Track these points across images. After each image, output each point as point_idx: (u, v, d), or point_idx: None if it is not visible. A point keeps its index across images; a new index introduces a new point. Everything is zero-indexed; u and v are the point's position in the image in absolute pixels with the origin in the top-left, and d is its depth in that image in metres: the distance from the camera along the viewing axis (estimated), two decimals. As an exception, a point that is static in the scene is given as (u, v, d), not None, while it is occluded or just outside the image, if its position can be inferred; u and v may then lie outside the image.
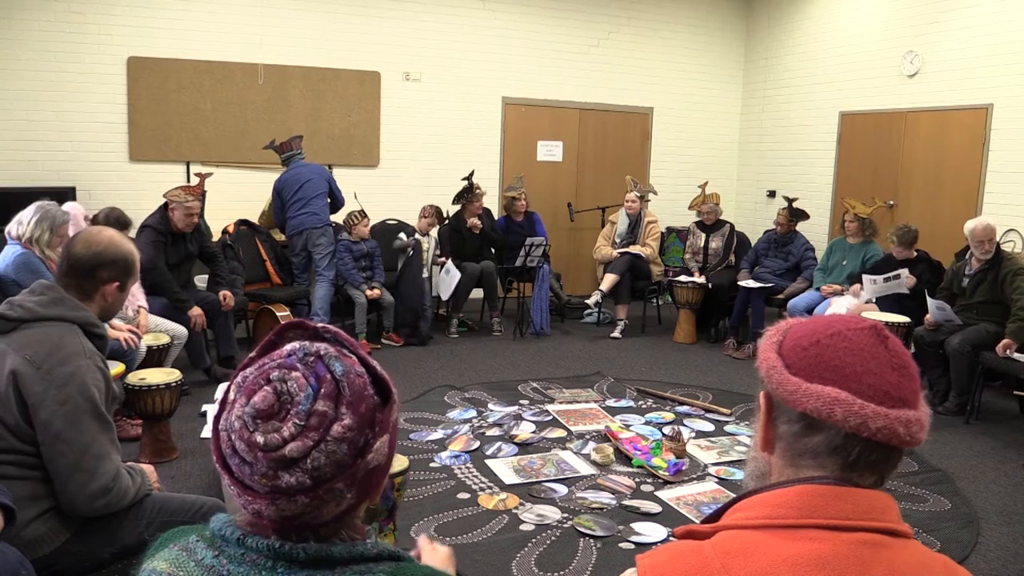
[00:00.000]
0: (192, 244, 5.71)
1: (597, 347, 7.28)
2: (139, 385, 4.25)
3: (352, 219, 6.93)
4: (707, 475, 4.41)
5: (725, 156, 10.11)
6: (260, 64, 7.92)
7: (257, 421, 0.97)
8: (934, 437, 5.13)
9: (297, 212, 6.75)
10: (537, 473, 4.32)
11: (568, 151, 9.43)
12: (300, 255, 6.86)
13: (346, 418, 0.98)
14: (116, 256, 2.43)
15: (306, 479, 0.96)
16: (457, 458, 4.47)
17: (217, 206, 7.51)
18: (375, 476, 1.03)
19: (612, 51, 9.38)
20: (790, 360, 1.06)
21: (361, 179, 8.18)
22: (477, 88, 8.83)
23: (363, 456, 1.00)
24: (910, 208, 7.71)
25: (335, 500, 0.99)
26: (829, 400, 1.00)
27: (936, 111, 7.49)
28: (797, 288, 7.19)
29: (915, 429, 1.00)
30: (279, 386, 0.98)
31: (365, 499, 1.03)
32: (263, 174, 7.71)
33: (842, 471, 1.02)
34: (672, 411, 5.47)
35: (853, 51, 8.35)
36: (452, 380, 6.01)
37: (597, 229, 8.57)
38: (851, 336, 1.04)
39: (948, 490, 4.33)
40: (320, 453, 0.96)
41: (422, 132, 8.63)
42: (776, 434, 1.07)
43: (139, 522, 2.33)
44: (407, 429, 4.91)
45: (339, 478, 0.98)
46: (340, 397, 0.99)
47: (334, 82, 8.21)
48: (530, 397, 5.66)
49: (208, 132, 7.81)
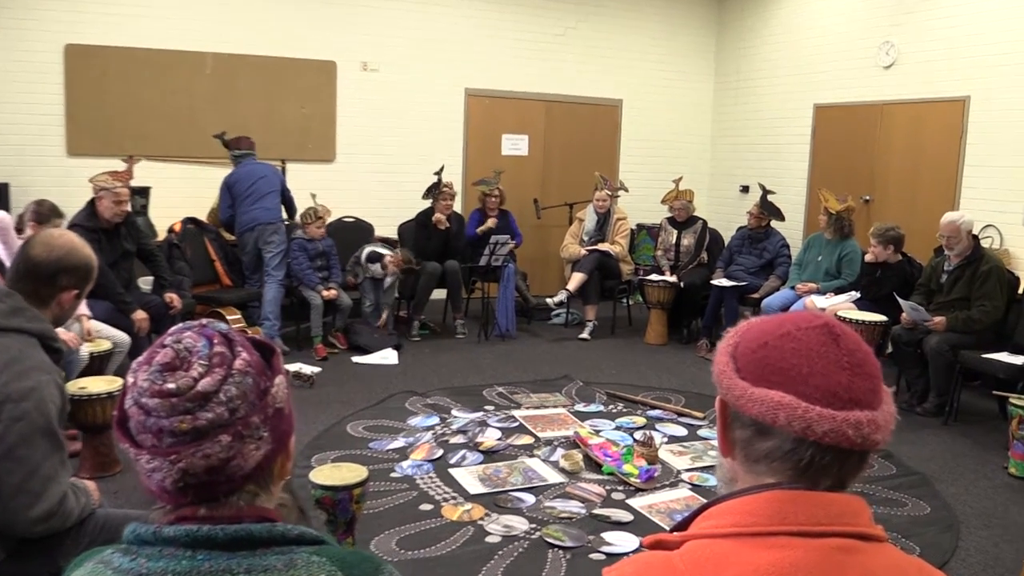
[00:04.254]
0: (128, 241, 5.61)
1: (565, 349, 7.30)
2: (79, 395, 4.18)
3: (308, 217, 6.88)
4: (680, 482, 4.44)
5: (697, 150, 10.18)
6: (208, 52, 7.83)
7: (164, 374, 1.06)
8: (912, 439, 5.22)
9: (250, 207, 6.70)
10: (503, 482, 4.32)
11: (534, 145, 9.45)
12: (250, 253, 6.80)
13: (243, 353, 1.09)
14: (78, 262, 2.39)
15: (223, 411, 1.05)
16: (419, 468, 4.46)
17: (162, 203, 7.41)
18: (283, 420, 1.12)
19: (579, 40, 9.41)
20: (741, 363, 1.07)
21: (317, 174, 8.12)
22: (439, 79, 8.80)
23: (267, 394, 1.10)
24: (886, 203, 7.83)
25: (254, 440, 1.07)
26: (773, 404, 1.01)
27: (912, 103, 7.61)
28: (771, 286, 7.28)
29: (868, 431, 1.00)
30: (176, 345, 1.09)
31: (280, 449, 1.11)
32: (211, 169, 7.61)
33: (795, 476, 1.02)
34: (643, 415, 5.50)
35: (828, 42, 8.46)
36: (413, 385, 5.99)
37: (564, 226, 8.59)
38: (800, 336, 1.05)
39: (927, 494, 4.40)
40: (230, 385, 1.06)
41: (381, 125, 8.59)
42: (733, 439, 1.09)
43: (80, 541, 2.29)
44: (366, 438, 4.89)
45: (252, 412, 1.07)
46: (232, 343, 1.11)
47: (287, 72, 8.14)
48: (495, 402, 5.66)
49: (152, 125, 7.70)
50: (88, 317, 4.96)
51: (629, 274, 8.16)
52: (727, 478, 1.12)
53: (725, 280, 7.37)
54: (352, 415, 5.30)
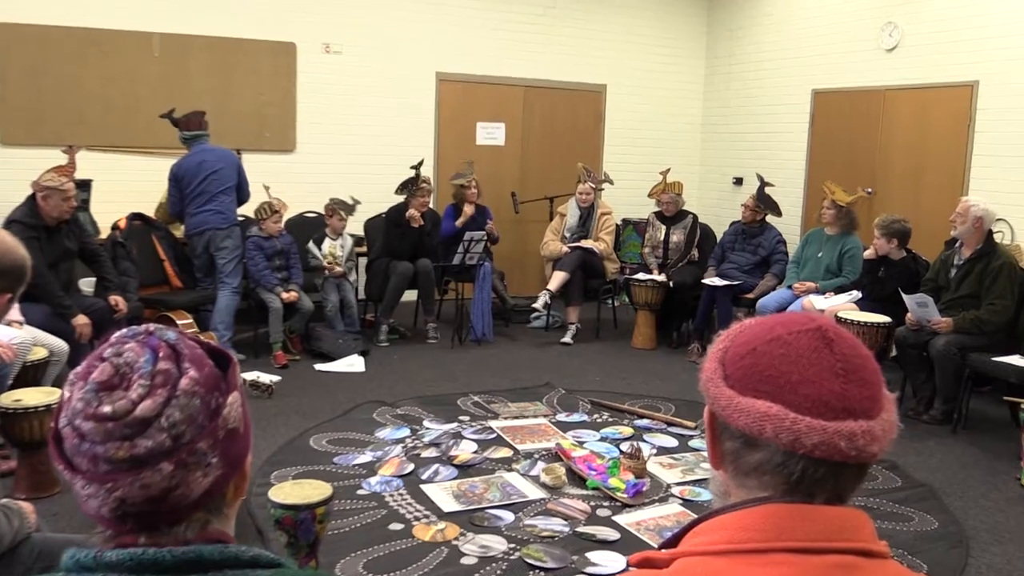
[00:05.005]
0: (70, 239, 5.56)
1: (546, 355, 7.30)
2: (13, 408, 4.11)
3: (263, 212, 6.83)
4: (670, 496, 4.45)
5: (687, 139, 10.23)
6: (155, 33, 7.76)
7: (100, 394, 1.02)
8: (918, 449, 5.27)
9: (199, 208, 6.60)
10: (480, 498, 4.31)
11: (511, 134, 9.45)
12: (202, 256, 6.73)
13: (191, 371, 1.06)
14: (13, 264, 2.37)
15: (165, 439, 1.01)
16: (388, 484, 4.44)
17: (105, 198, 7.33)
18: (236, 442, 1.09)
19: (560, 21, 9.42)
20: (729, 370, 1.08)
21: (275, 166, 8.08)
22: (407, 62, 8.79)
23: (218, 414, 1.06)
24: (889, 196, 7.90)
25: (200, 466, 1.04)
26: (759, 415, 1.01)
27: (917, 89, 7.68)
28: (767, 286, 7.32)
29: (863, 442, 1.00)
30: (115, 360, 1.05)
31: (232, 472, 1.09)
32: (160, 160, 7.54)
33: (788, 491, 1.03)
34: (630, 425, 5.51)
35: (827, 23, 8.52)
36: (382, 395, 5.97)
37: (544, 222, 8.60)
38: (790, 341, 1.06)
39: (935, 507, 4.43)
40: (174, 408, 1.02)
41: (344, 113, 8.56)
42: (723, 451, 1.09)
43: (14, 569, 2.26)
44: (330, 452, 4.87)
45: (199, 438, 1.04)
46: (180, 356, 1.07)
47: (242, 54, 8.10)
48: (471, 413, 5.65)
49: (93, 112, 7.64)
50: (20, 323, 4.88)
51: (614, 273, 8.18)
52: (720, 492, 1.12)
53: (717, 279, 7.40)
54: (315, 427, 5.27)
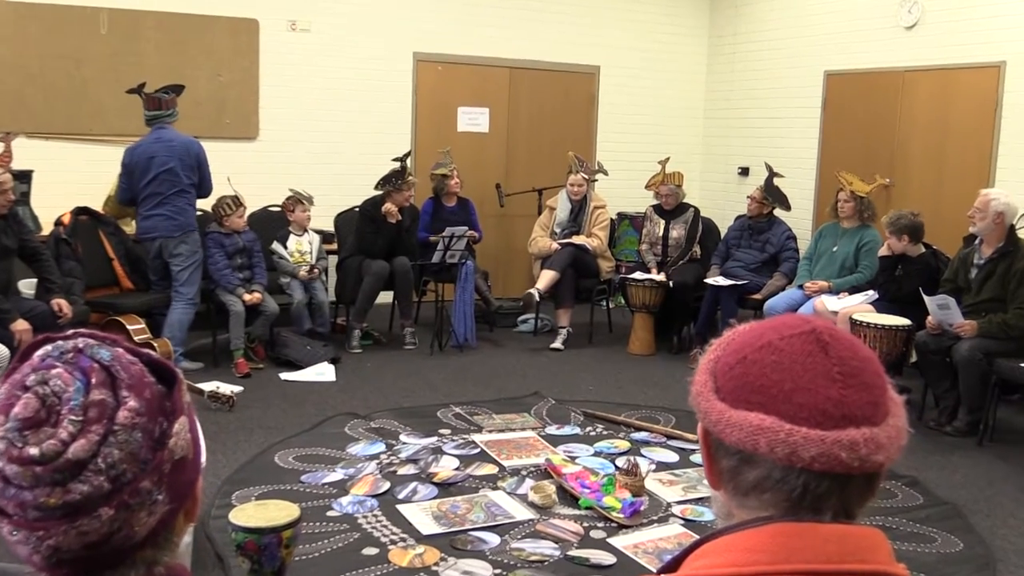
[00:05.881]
0: (8, 236, 5.52)
1: (534, 362, 7.31)
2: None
3: (224, 207, 6.81)
4: (671, 516, 4.45)
5: (688, 126, 10.25)
6: (103, 8, 7.73)
7: (25, 433, 0.97)
8: (941, 463, 5.29)
9: (149, 212, 6.48)
10: (462, 520, 4.31)
11: (496, 119, 9.45)
12: (155, 261, 6.66)
13: (130, 400, 1.01)
14: None
15: (103, 482, 0.97)
16: (361, 504, 4.43)
17: (48, 191, 7.28)
18: (185, 471, 1.06)
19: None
20: (721, 382, 1.09)
21: (236, 155, 8.05)
22: (382, 41, 8.77)
23: (163, 446, 1.02)
24: (908, 187, 7.92)
25: (145, 507, 1.01)
26: (752, 429, 1.02)
27: (939, 70, 7.70)
28: (775, 285, 7.34)
29: (866, 451, 1.00)
30: (40, 389, 0.99)
31: (181, 504, 1.06)
32: (109, 149, 7.51)
33: (789, 509, 1.03)
34: (627, 439, 5.52)
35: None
36: (354, 407, 5.97)
37: (532, 217, 8.60)
38: (782, 346, 1.06)
39: (959, 527, 4.45)
40: (111, 447, 0.98)
41: (312, 97, 8.54)
42: (720, 470, 1.10)
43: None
44: (297, 470, 4.86)
45: (143, 476, 1.00)
46: (116, 382, 1.02)
47: (199, 32, 8.07)
48: (452, 425, 5.65)
49: (34, 95, 7.61)
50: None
51: (609, 272, 8.19)
52: (723, 513, 1.12)
53: (721, 279, 7.42)
54: (281, 443, 5.25)
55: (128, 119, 6.87)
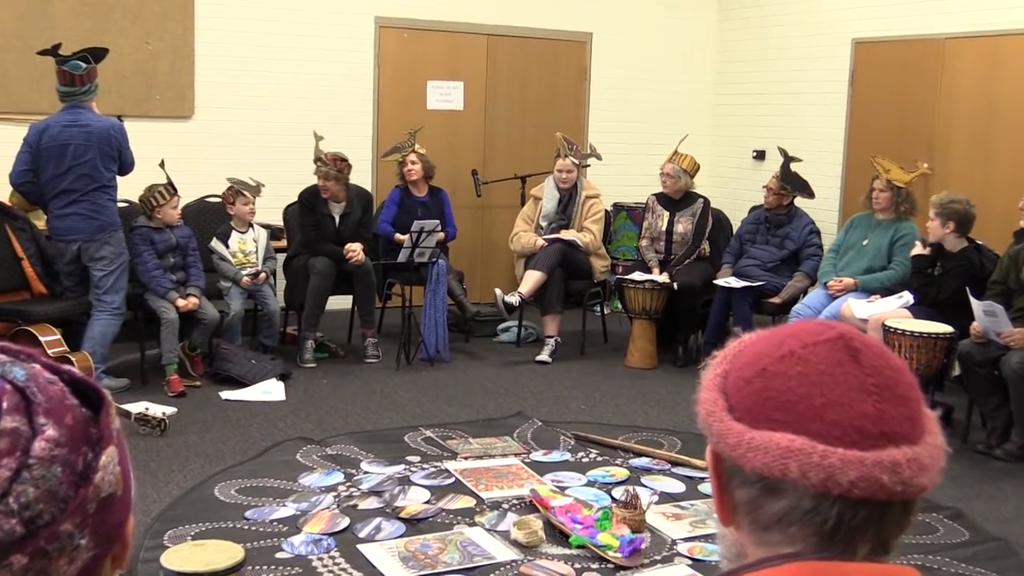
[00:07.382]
0: None
1: (517, 377, 7.32)
2: None
3: (154, 197, 6.77)
4: (676, 555, 4.47)
5: (695, 103, 10.27)
6: (10, -35, 7.71)
7: None
8: (990, 492, 5.31)
9: (63, 210, 6.38)
10: (434, 561, 4.30)
11: (472, 95, 9.45)
12: (72, 265, 6.58)
13: (48, 429, 0.98)
14: None
15: (16, 525, 0.94)
16: (316, 544, 4.42)
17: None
18: (113, 511, 1.03)
19: (533, -49, 9.46)
20: (734, 399, 1.08)
21: (168, 137, 8.02)
22: (339, 4, 8.77)
23: (87, 481, 0.99)
24: (949, 174, 7.92)
25: (66, 553, 0.98)
26: (780, 452, 1.01)
27: (985, 36, 7.74)
28: (796, 287, 7.36)
29: (909, 473, 1.00)
30: None
31: (108, 549, 1.03)
32: (16, 129, 7.46)
33: (821, 544, 1.02)
34: (625, 466, 5.53)
35: (869, -46, 8.60)
36: (307, 430, 5.96)
37: (514, 207, 8.61)
38: (807, 355, 1.06)
39: (1012, 566, 4.46)
40: (25, 484, 0.95)
41: (258, 68, 8.52)
42: (734, 502, 1.09)
43: None
44: (241, 504, 4.84)
45: (63, 517, 0.97)
46: (32, 406, 0.99)
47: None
48: (422, 451, 5.65)
49: (-69, 67, 7.56)
50: None
51: (604, 272, 8.20)
52: (733, 554, 1.12)
53: (734, 279, 7.44)
54: (221, 473, 5.24)
55: (41, 94, 6.82)
